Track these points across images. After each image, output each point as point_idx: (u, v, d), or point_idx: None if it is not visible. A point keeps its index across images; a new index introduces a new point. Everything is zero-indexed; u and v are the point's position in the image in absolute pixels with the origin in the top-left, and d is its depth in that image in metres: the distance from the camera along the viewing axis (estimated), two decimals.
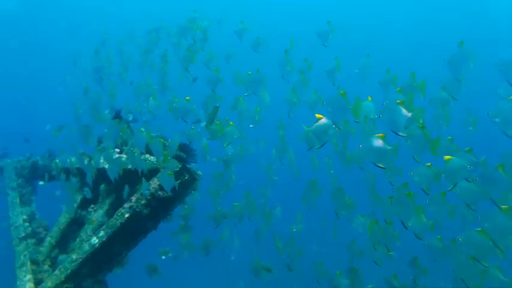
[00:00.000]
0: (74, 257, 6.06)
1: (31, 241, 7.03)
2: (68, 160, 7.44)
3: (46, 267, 6.70)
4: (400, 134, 4.17)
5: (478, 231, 4.02)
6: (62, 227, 7.05)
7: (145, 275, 6.78)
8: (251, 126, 6.06)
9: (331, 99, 4.60)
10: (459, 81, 4.73)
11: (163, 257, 6.53)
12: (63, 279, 5.94)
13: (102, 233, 6.09)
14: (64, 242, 7.09)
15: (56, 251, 6.96)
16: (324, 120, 4.44)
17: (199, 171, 6.67)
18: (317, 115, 4.49)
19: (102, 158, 7.01)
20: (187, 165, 6.45)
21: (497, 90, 4.81)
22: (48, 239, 7.03)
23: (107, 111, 7.26)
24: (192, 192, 6.60)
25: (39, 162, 8.06)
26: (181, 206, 6.84)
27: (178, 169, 6.35)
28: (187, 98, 6.20)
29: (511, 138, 4.06)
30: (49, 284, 5.97)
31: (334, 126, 4.43)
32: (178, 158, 6.37)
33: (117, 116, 7.88)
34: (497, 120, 4.16)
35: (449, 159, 4.13)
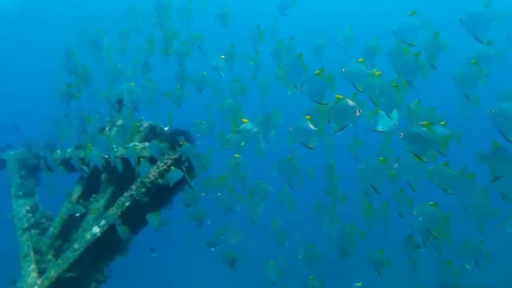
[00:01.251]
0: (76, 246, 6.09)
1: (34, 231, 7.07)
2: (69, 150, 7.44)
3: (50, 256, 6.74)
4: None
5: (431, 204, 4.10)
6: (64, 217, 7.08)
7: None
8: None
9: (308, 79, 4.42)
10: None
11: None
12: (66, 268, 5.98)
13: (103, 222, 6.11)
14: (67, 232, 7.12)
15: (59, 241, 6.99)
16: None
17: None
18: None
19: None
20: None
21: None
22: (51, 229, 7.06)
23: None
24: (192, 179, 6.57)
25: (41, 153, 8.07)
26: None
27: (178, 156, 6.33)
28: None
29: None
30: (52, 273, 6.01)
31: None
32: (177, 144, 6.34)
33: (119, 103, 7.85)
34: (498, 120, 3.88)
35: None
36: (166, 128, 7.41)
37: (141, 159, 5.95)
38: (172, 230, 6.79)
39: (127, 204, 6.07)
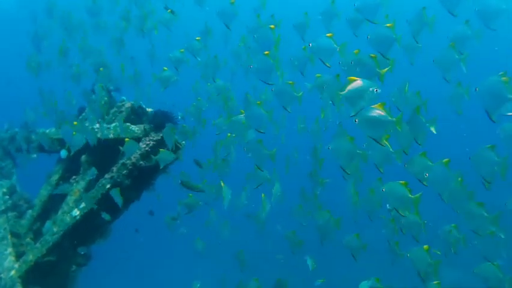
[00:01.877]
0: (55, 229, 5.92)
1: (12, 214, 6.86)
2: (48, 131, 7.19)
3: (28, 239, 6.57)
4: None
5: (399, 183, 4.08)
6: (43, 199, 6.88)
7: None
8: None
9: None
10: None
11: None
12: (44, 252, 5.83)
13: (83, 205, 5.94)
14: (46, 215, 6.93)
15: (38, 223, 6.80)
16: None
17: (183, 142, 6.47)
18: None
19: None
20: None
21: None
22: (29, 211, 6.87)
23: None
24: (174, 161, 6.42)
25: (18, 134, 7.78)
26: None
27: (160, 138, 6.16)
28: None
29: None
30: (30, 257, 5.86)
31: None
32: (160, 126, 6.17)
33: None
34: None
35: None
36: (149, 110, 7.21)
37: (127, 139, 5.75)
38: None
39: (108, 186, 5.91)
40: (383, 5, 4.57)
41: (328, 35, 4.43)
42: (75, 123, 6.09)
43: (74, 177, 6.82)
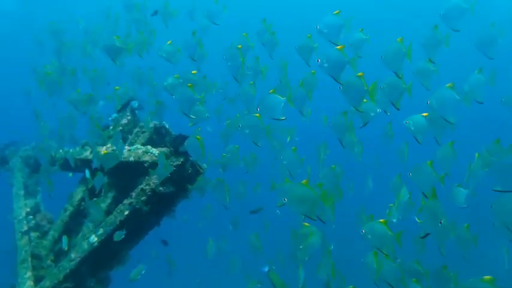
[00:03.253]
0: (72, 255, 5.79)
1: (34, 234, 6.82)
2: (72, 150, 7.13)
3: (49, 262, 6.49)
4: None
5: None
6: (65, 220, 6.80)
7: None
8: None
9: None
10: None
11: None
12: (61, 278, 5.71)
13: (101, 231, 5.78)
14: (67, 236, 6.85)
15: (59, 245, 6.72)
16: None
17: (204, 164, 6.23)
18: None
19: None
20: (191, 158, 6.01)
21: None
22: (51, 232, 6.80)
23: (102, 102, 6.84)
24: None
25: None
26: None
27: (180, 162, 5.93)
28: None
29: None
30: (47, 283, 5.75)
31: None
32: (180, 150, 5.93)
33: (126, 103, 7.50)
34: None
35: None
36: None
37: (104, 151, 5.58)
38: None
39: (126, 212, 5.72)
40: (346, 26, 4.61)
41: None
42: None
43: (94, 199, 6.71)
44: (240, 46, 4.95)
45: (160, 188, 5.77)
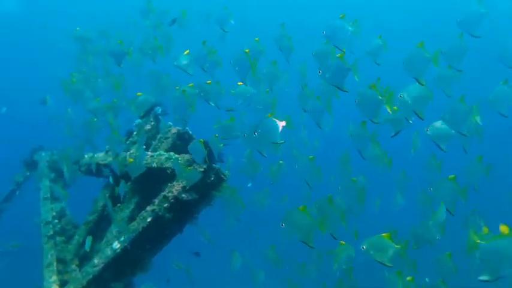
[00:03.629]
0: (95, 261, 5.82)
1: (60, 239, 6.90)
2: (96, 155, 7.20)
3: (73, 266, 6.55)
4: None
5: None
6: (89, 225, 6.86)
7: None
8: None
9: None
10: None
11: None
12: (84, 284, 5.73)
13: (123, 238, 5.79)
14: (92, 240, 6.90)
15: (84, 249, 6.78)
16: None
17: (226, 171, 6.16)
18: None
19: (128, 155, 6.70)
20: (214, 165, 5.96)
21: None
22: (76, 237, 6.87)
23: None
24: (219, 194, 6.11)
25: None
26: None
27: (203, 169, 5.88)
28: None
29: None
30: None
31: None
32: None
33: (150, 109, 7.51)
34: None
35: None
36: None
37: (130, 160, 5.58)
38: None
39: (149, 219, 5.72)
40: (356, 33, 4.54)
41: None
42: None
43: (118, 205, 6.74)
44: (247, 50, 4.86)
45: (183, 195, 5.74)
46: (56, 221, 7.11)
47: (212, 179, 5.92)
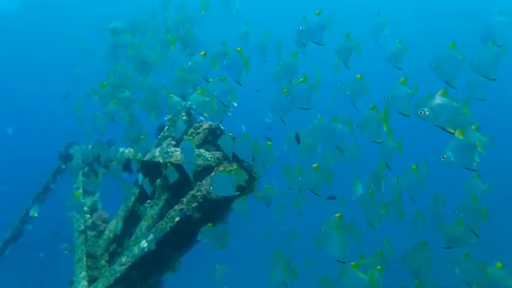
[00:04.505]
0: (123, 259, 5.71)
1: (91, 233, 6.87)
2: (127, 150, 7.10)
3: (103, 262, 6.50)
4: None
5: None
6: (119, 221, 6.77)
7: None
8: None
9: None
10: None
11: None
12: (112, 282, 5.64)
13: (151, 237, 5.63)
14: (122, 235, 6.83)
15: (114, 245, 6.72)
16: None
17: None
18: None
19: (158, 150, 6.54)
20: (244, 164, 5.67)
21: None
22: (106, 232, 6.81)
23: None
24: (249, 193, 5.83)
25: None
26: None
27: (233, 168, 5.60)
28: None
29: None
30: (99, 286, 5.71)
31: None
32: (233, 155, 5.61)
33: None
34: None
35: None
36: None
37: (169, 164, 5.33)
38: None
39: (177, 219, 5.52)
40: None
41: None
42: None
43: (148, 201, 6.62)
44: (239, 49, 4.68)
45: (212, 195, 5.50)
46: (88, 215, 7.08)
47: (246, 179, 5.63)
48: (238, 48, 4.55)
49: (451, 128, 3.43)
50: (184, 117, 7.30)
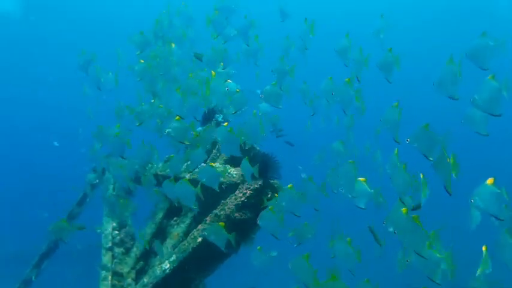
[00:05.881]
0: (145, 280, 5.51)
1: (119, 250, 6.75)
2: (155, 166, 6.95)
3: (129, 280, 6.34)
4: None
5: None
6: (147, 238, 6.60)
7: None
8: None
9: None
10: None
11: None
12: None
13: (173, 258, 5.40)
14: (150, 253, 6.66)
15: (141, 262, 6.55)
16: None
17: (285, 188, 5.48)
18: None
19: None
20: (271, 181, 5.33)
21: None
22: (134, 249, 6.67)
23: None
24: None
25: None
26: None
27: (259, 186, 5.28)
28: None
29: None
30: None
31: None
32: (259, 172, 5.28)
33: (208, 116, 7.12)
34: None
35: None
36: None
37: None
38: None
39: (199, 240, 5.25)
40: None
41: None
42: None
43: (175, 218, 6.41)
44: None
45: (236, 214, 5.20)
46: (116, 232, 6.98)
47: (269, 195, 5.29)
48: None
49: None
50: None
